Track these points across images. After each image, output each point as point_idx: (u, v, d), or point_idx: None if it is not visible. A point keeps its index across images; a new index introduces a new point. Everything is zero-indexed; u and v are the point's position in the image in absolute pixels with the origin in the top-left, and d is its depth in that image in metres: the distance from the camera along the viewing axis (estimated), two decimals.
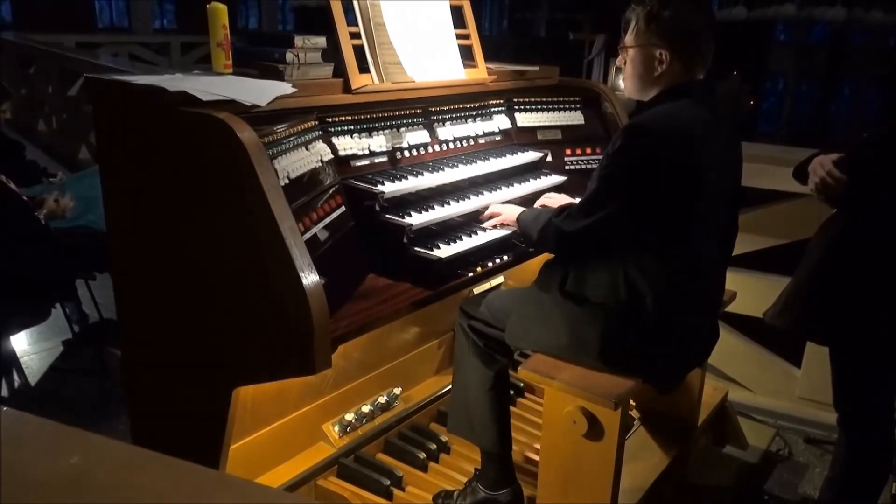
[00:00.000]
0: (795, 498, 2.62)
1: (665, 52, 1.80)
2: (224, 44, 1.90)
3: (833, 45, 14.91)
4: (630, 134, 1.72)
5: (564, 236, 1.81)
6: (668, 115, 1.74)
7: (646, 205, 1.71)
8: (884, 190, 1.82)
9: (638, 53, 1.86)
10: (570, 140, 2.80)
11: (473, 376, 2.05)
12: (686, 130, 1.72)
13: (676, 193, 1.71)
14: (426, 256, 1.92)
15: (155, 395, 1.96)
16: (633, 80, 1.89)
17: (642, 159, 1.70)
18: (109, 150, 1.84)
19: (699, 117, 1.76)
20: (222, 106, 1.66)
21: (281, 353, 1.56)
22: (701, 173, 1.73)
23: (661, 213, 1.72)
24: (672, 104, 1.77)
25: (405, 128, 2.26)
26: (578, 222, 1.78)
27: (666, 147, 1.70)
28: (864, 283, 1.88)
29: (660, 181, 1.70)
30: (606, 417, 1.83)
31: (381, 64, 2.14)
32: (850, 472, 2.16)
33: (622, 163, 1.72)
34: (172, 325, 1.80)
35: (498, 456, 2.08)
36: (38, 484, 0.74)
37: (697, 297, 1.84)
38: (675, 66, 1.80)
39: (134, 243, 1.83)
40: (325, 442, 2.29)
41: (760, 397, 3.19)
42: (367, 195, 1.99)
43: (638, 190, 1.70)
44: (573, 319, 1.84)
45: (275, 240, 1.50)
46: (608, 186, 1.74)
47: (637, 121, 1.75)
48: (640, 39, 1.85)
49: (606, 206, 1.73)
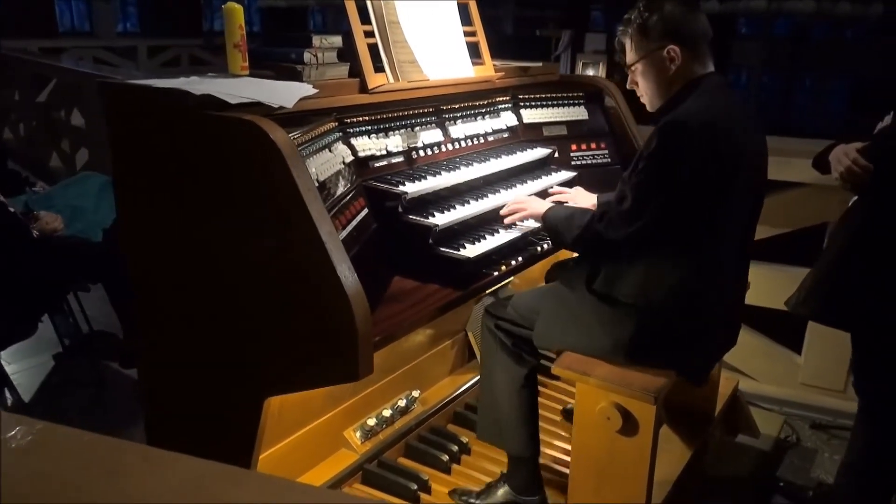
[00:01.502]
0: (809, 483, 2.66)
1: (672, 47, 1.80)
2: (241, 45, 1.85)
3: (796, 38, 15.22)
4: (667, 133, 1.70)
5: (610, 245, 1.78)
6: (702, 109, 1.73)
7: (688, 204, 1.69)
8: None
9: (646, 64, 1.85)
10: (575, 136, 2.80)
11: (502, 377, 2.03)
12: (722, 123, 1.72)
13: (717, 189, 1.71)
14: (455, 256, 1.90)
15: (179, 406, 1.90)
16: (652, 91, 1.88)
17: (683, 158, 1.68)
18: (128, 159, 1.78)
19: (730, 108, 1.77)
20: (249, 108, 1.62)
21: (323, 359, 1.53)
22: (739, 166, 1.73)
23: (700, 210, 1.71)
24: (700, 98, 1.76)
25: (419, 127, 2.23)
26: (623, 229, 1.74)
27: (705, 142, 1.68)
28: (889, 270, 1.91)
29: (701, 178, 1.68)
30: (641, 412, 1.83)
31: (397, 62, 2.11)
32: (871, 458, 2.19)
33: (662, 163, 1.70)
34: (199, 337, 1.75)
35: (527, 461, 2.06)
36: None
37: (727, 289, 1.85)
38: (687, 58, 1.81)
39: (157, 252, 1.77)
40: (348, 448, 2.25)
41: (765, 385, 3.23)
42: (390, 196, 1.96)
43: (680, 190, 1.69)
44: (604, 319, 1.83)
45: (314, 245, 1.46)
46: (649, 190, 1.71)
47: (672, 118, 1.72)
48: (642, 50, 1.85)
49: (650, 210, 1.71)
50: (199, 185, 1.63)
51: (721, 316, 1.88)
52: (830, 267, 2.05)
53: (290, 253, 1.51)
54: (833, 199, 3.07)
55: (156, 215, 1.74)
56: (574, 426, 1.95)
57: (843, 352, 3.14)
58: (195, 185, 1.63)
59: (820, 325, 3.05)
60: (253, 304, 1.61)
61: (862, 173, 1.90)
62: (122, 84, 1.75)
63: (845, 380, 3.19)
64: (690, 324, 1.77)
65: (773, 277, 3.03)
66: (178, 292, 1.76)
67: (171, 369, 1.88)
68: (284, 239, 1.51)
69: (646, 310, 1.78)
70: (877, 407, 2.15)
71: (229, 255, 1.62)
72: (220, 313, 1.68)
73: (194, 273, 1.71)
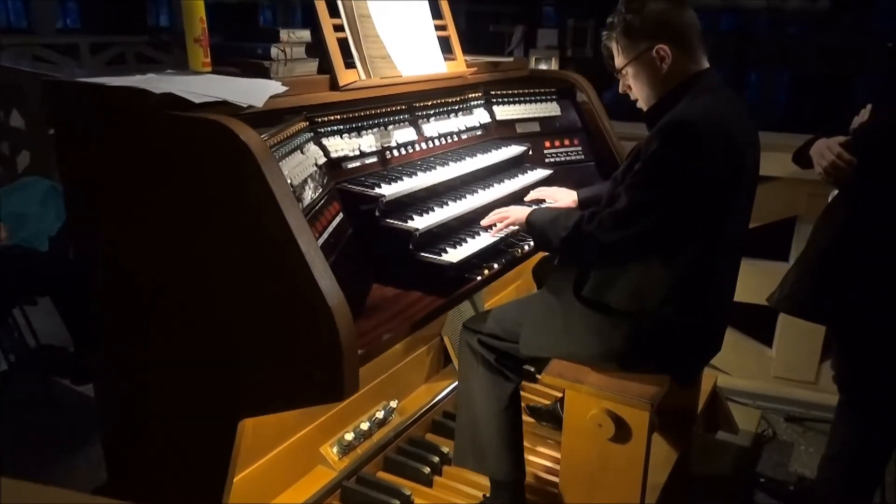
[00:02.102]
0: (789, 478, 2.65)
1: (661, 46, 1.73)
2: (202, 40, 1.71)
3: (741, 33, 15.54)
4: (668, 134, 1.62)
5: (599, 247, 1.69)
6: (703, 109, 1.66)
7: (690, 208, 1.63)
8: (894, 171, 1.83)
9: (636, 66, 1.78)
10: (549, 132, 2.73)
11: (484, 398, 1.93)
12: (724, 123, 1.65)
13: (721, 192, 1.65)
14: (437, 262, 1.81)
15: (144, 428, 1.76)
16: (646, 92, 1.81)
17: (686, 160, 1.61)
18: (79, 164, 1.63)
19: (729, 106, 1.71)
20: (214, 108, 1.50)
21: (304, 379, 1.41)
22: (741, 167, 1.68)
23: (703, 214, 1.65)
24: (699, 97, 1.69)
25: (393, 126, 2.13)
26: (619, 232, 1.66)
27: (710, 144, 1.61)
28: (875, 266, 1.89)
29: (705, 181, 1.62)
30: (634, 419, 1.77)
31: (368, 58, 2.00)
32: (854, 452, 2.18)
33: (664, 166, 1.62)
34: (167, 353, 1.61)
35: (512, 486, 1.97)
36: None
37: (720, 291, 1.80)
38: (678, 56, 1.74)
39: (119, 262, 1.62)
40: (325, 465, 2.14)
41: (738, 380, 3.23)
42: (366, 199, 1.85)
43: (683, 194, 1.62)
44: (596, 327, 1.76)
45: (293, 256, 1.35)
46: (650, 194, 1.64)
47: (673, 119, 1.65)
48: (631, 52, 1.78)
49: (650, 215, 1.63)
50: (161, 192, 1.49)
51: (714, 318, 1.84)
52: (815, 262, 2.03)
53: (266, 264, 1.39)
54: (801, 192, 3.09)
55: (115, 223, 1.60)
56: (563, 434, 1.89)
57: (813, 344, 3.17)
58: (157, 191, 1.50)
59: (791, 318, 3.06)
60: (226, 320, 1.48)
61: (846, 167, 1.88)
62: (72, 83, 1.60)
63: (816, 371, 3.22)
64: (686, 328, 1.71)
65: (742, 271, 3.02)
66: (143, 306, 1.62)
67: (136, 388, 1.73)
68: (259, 250, 1.39)
69: (640, 317, 1.71)
70: (860, 401, 2.14)
71: (197, 266, 1.49)
72: (189, 329, 1.55)
73: (160, 285, 1.57)
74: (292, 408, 1.52)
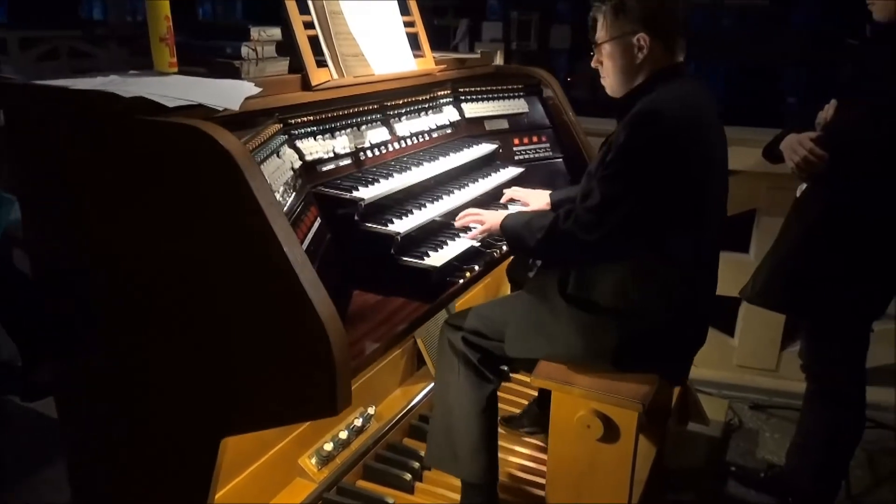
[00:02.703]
0: (758, 465, 2.71)
1: (642, 35, 1.72)
2: (168, 39, 1.62)
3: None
4: (640, 122, 1.62)
5: (579, 245, 1.67)
6: (674, 99, 1.66)
7: (665, 199, 1.63)
8: (866, 166, 1.87)
9: (615, 46, 1.77)
10: (517, 129, 2.71)
11: (462, 399, 1.89)
12: (696, 113, 1.66)
13: (693, 182, 1.65)
14: (420, 267, 1.76)
15: (114, 449, 1.66)
16: (616, 75, 1.79)
17: (658, 149, 1.61)
18: (39, 173, 1.52)
19: (701, 99, 1.71)
20: (187, 112, 1.41)
21: (296, 395, 1.35)
22: (711, 159, 1.69)
23: (678, 205, 1.65)
24: (669, 88, 1.69)
25: (365, 126, 2.07)
26: (596, 231, 1.64)
27: (680, 133, 1.62)
28: (848, 258, 1.93)
29: (678, 170, 1.62)
30: (623, 419, 1.76)
31: (340, 56, 1.93)
32: (824, 439, 2.24)
33: (634, 155, 1.62)
34: (146, 373, 1.52)
35: (483, 488, 1.94)
36: None
37: (705, 284, 1.81)
38: (656, 48, 1.73)
39: (89, 276, 1.52)
40: (304, 477, 2.08)
41: (703, 369, 3.28)
42: (345, 203, 1.79)
43: (656, 183, 1.61)
44: (584, 327, 1.75)
45: (280, 267, 1.28)
46: (623, 185, 1.62)
47: (644, 109, 1.64)
48: (614, 31, 1.77)
49: (624, 206, 1.62)
50: (134, 202, 1.40)
51: (701, 311, 1.85)
52: (788, 256, 2.07)
53: (251, 276, 1.32)
54: (761, 185, 3.16)
55: (83, 235, 1.49)
56: (550, 436, 1.87)
57: (773, 333, 3.26)
58: (130, 201, 1.40)
59: (752, 308, 3.14)
60: (208, 335, 1.40)
61: (818, 162, 1.91)
62: (29, 86, 1.49)
63: (777, 359, 3.30)
64: (675, 324, 1.72)
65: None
66: (121, 321, 1.52)
67: (108, 405, 1.63)
68: (245, 262, 1.32)
69: (629, 314, 1.70)
70: (831, 390, 2.19)
71: (176, 279, 1.41)
72: (168, 345, 1.46)
73: (135, 300, 1.48)
74: (282, 424, 1.46)
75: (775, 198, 3.04)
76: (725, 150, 1.81)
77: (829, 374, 2.17)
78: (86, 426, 1.70)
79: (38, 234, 1.60)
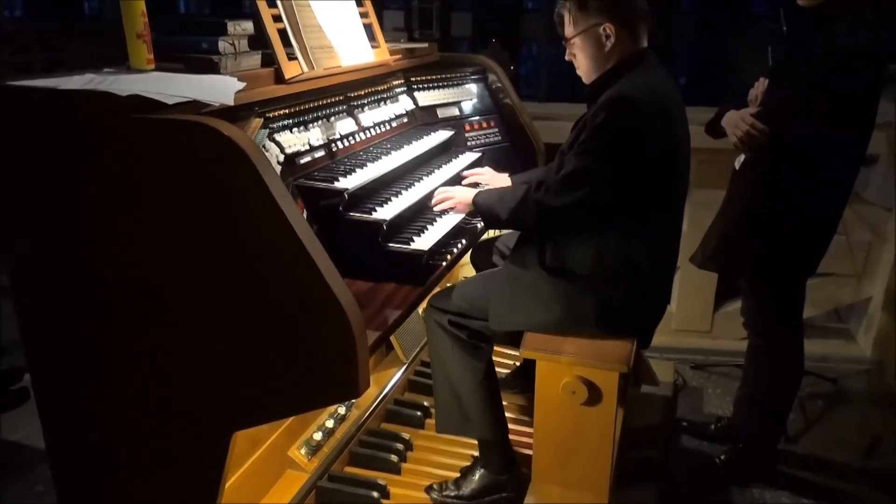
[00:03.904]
0: (707, 419, 2.93)
1: (609, 25, 1.83)
2: (145, 35, 1.59)
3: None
4: (614, 106, 1.73)
5: (550, 211, 1.79)
6: (644, 85, 1.78)
7: (633, 174, 1.75)
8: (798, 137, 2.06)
9: (584, 39, 1.87)
10: (467, 116, 2.79)
11: (463, 372, 1.99)
12: (663, 98, 1.79)
13: (660, 160, 1.78)
14: (409, 251, 1.81)
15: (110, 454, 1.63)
16: (588, 66, 1.90)
17: (629, 130, 1.73)
18: (24, 177, 1.47)
19: (666, 84, 1.84)
20: (181, 108, 1.41)
21: (316, 380, 1.38)
22: (677, 138, 1.82)
23: (646, 181, 1.78)
24: (639, 74, 1.81)
25: (334, 117, 2.09)
26: (564, 197, 1.77)
27: (650, 116, 1.74)
28: (790, 220, 2.13)
29: (646, 150, 1.75)
30: (606, 382, 1.88)
31: (309, 49, 1.94)
32: (768, 389, 2.45)
33: (609, 135, 1.73)
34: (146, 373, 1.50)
35: (499, 442, 2.06)
36: None
37: (670, 252, 1.96)
38: (622, 36, 1.85)
39: (92, 282, 1.48)
40: (294, 468, 2.10)
41: None
42: (329, 194, 1.82)
43: (626, 160, 1.74)
44: (565, 294, 1.86)
45: (299, 257, 1.31)
46: (595, 160, 1.74)
47: (616, 94, 1.75)
48: (581, 25, 1.87)
49: (595, 179, 1.74)
50: (138, 202, 1.38)
51: (666, 278, 1.99)
52: (734, 222, 2.25)
53: (267, 269, 1.33)
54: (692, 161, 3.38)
55: (77, 237, 1.46)
56: (536, 403, 1.96)
57: (707, 297, 3.51)
58: (132, 201, 1.38)
59: (687, 275, 3.37)
60: (224, 330, 1.41)
61: (759, 136, 2.09)
62: (8, 87, 1.43)
63: (711, 321, 3.56)
64: (648, 290, 1.85)
65: None
66: (130, 320, 1.48)
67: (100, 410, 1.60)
68: (260, 254, 1.33)
69: (605, 279, 1.82)
70: (772, 343, 2.40)
71: (189, 276, 1.40)
72: (178, 345, 1.45)
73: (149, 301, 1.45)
74: (301, 411, 1.50)
75: (703, 172, 3.27)
76: (688, 129, 1.95)
77: (769, 329, 2.38)
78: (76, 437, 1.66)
79: (20, 243, 1.54)
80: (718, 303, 3.56)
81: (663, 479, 2.44)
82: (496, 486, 2.07)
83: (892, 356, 3.31)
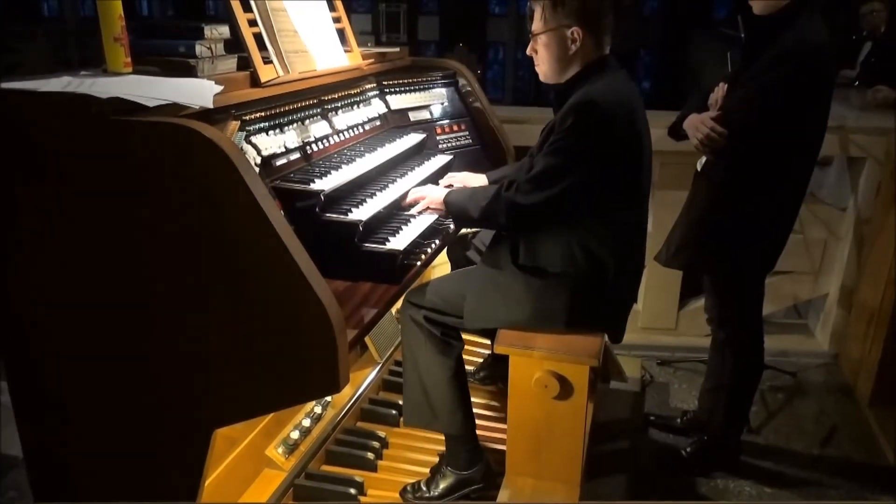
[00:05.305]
0: (673, 413, 3.02)
1: (577, 29, 1.90)
2: (122, 38, 1.61)
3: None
4: (582, 110, 1.80)
5: (520, 209, 1.84)
6: (611, 90, 1.85)
7: (601, 173, 1.82)
8: (758, 139, 2.15)
9: (550, 38, 1.93)
10: (438, 119, 2.84)
11: (433, 368, 2.03)
12: (628, 102, 1.86)
13: (626, 161, 1.86)
14: (384, 251, 1.85)
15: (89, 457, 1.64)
16: (550, 64, 1.96)
17: (597, 132, 1.80)
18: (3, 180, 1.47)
19: (628, 88, 1.92)
20: (161, 111, 1.43)
21: (298, 375, 1.42)
22: (642, 140, 1.89)
23: (613, 180, 1.85)
24: (604, 79, 1.88)
25: (309, 120, 2.12)
26: (534, 195, 1.83)
27: (616, 119, 1.81)
28: (749, 218, 2.22)
29: (613, 151, 1.82)
30: (576, 376, 1.95)
31: (284, 53, 1.97)
32: (733, 381, 2.54)
33: (577, 137, 1.79)
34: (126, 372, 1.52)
35: (466, 437, 2.10)
36: None
37: (638, 250, 2.03)
38: (588, 41, 1.92)
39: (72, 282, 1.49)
40: (272, 467, 2.12)
41: None
42: (305, 196, 1.84)
43: (594, 160, 1.80)
44: (537, 292, 1.92)
45: (281, 257, 1.35)
46: (565, 160, 1.80)
47: (585, 97, 1.82)
48: (550, 24, 1.92)
49: (564, 178, 1.80)
50: (119, 203, 1.40)
51: (638, 275, 2.07)
52: (697, 221, 2.33)
53: (251, 268, 1.37)
54: (654, 162, 3.48)
55: (58, 237, 1.47)
56: (510, 398, 2.02)
57: (672, 296, 3.61)
58: (113, 202, 1.40)
59: (653, 275, 3.46)
60: (202, 329, 1.43)
61: (719, 138, 2.18)
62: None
63: (675, 319, 3.66)
64: (617, 286, 1.92)
65: None
66: (117, 322, 1.50)
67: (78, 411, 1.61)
68: (241, 253, 1.36)
69: (575, 277, 1.89)
70: (734, 338, 2.49)
71: (171, 274, 1.42)
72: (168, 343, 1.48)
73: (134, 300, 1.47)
74: (281, 407, 1.52)
75: (668, 173, 3.37)
76: (649, 132, 2.03)
77: (731, 324, 2.48)
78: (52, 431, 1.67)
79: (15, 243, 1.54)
80: (683, 301, 3.66)
81: (633, 471, 2.52)
82: (463, 482, 2.11)
83: (847, 350, 3.45)
